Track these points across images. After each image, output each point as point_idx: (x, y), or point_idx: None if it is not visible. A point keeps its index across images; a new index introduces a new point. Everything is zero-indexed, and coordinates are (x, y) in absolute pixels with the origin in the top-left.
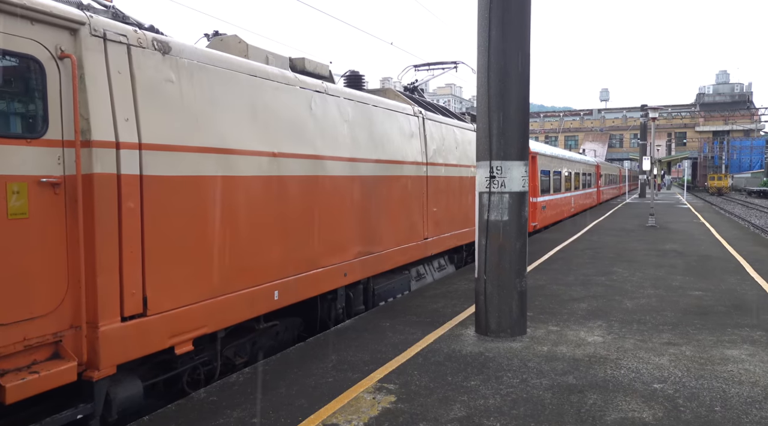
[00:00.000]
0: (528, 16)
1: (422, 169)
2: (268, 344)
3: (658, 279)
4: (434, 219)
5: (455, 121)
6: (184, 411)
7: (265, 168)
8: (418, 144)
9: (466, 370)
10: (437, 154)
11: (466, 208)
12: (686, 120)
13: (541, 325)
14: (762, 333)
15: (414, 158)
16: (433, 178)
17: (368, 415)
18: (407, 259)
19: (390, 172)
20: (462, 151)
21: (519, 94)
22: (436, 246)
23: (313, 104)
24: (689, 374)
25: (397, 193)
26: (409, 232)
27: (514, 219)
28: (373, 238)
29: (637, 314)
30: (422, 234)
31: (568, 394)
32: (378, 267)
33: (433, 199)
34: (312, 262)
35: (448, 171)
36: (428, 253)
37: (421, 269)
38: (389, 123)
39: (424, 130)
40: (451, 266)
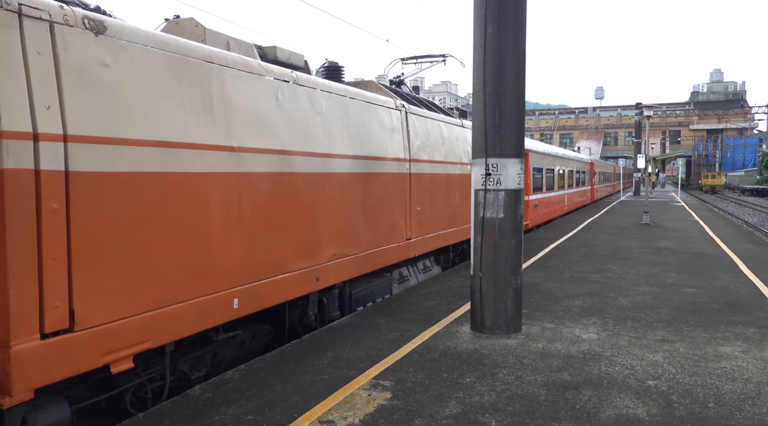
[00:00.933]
0: (523, 13)
1: (405, 165)
2: (231, 355)
3: (652, 276)
4: (418, 218)
5: (442, 116)
6: (179, 408)
7: (223, 164)
8: (400, 139)
9: (462, 367)
10: (421, 151)
11: (453, 207)
12: (680, 118)
13: (536, 322)
14: (755, 330)
15: (396, 154)
16: (417, 176)
17: (364, 412)
18: (388, 261)
19: (369, 168)
20: (449, 147)
21: (514, 91)
22: (421, 247)
23: (280, 95)
24: (683, 371)
25: (377, 191)
26: (390, 232)
27: (509, 216)
28: (350, 239)
29: (631, 311)
30: (405, 234)
31: (563, 391)
32: (355, 270)
33: (417, 198)
34: (278, 267)
35: (434, 168)
36: (411, 255)
37: (404, 271)
38: (368, 117)
39: (407, 124)
40: (437, 267)
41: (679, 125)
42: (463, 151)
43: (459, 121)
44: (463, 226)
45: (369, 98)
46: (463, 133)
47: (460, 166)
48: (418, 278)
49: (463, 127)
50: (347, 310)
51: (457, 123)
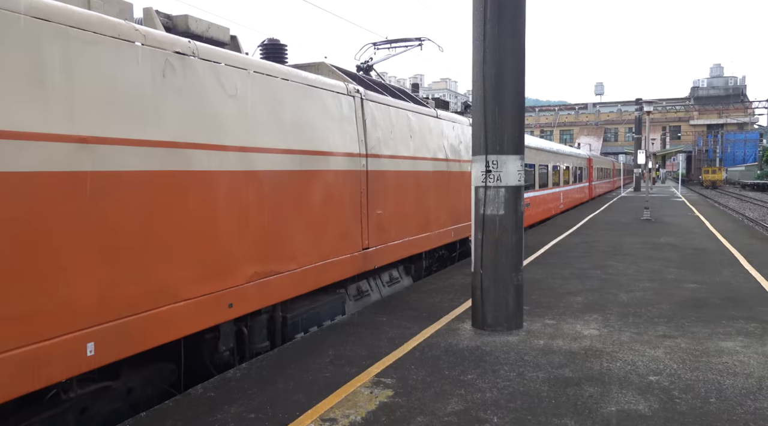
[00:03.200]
0: (523, 9)
1: (359, 162)
2: (108, 409)
3: (653, 272)
4: (379, 223)
5: (411, 105)
6: (181, 407)
7: (64, 160)
8: (353, 130)
9: (463, 364)
10: (383, 144)
11: (426, 209)
12: (681, 114)
13: (537, 318)
14: (756, 325)
15: (347, 148)
16: (377, 174)
17: (366, 410)
18: (337, 276)
19: (308, 165)
20: (420, 141)
21: (514, 88)
22: (383, 256)
23: (168, 71)
24: (684, 366)
25: (320, 192)
26: (341, 241)
27: (510, 213)
28: (281, 252)
29: (632, 307)
30: (360, 243)
31: (565, 387)
32: (290, 290)
33: (378, 199)
34: (166, 294)
35: (400, 164)
36: (370, 266)
37: (363, 285)
38: (308, 103)
39: (363, 113)
40: (408, 278)
41: (680, 121)
42: (438, 146)
43: (433, 111)
44: (438, 230)
45: (310, 81)
46: (438, 125)
47: (434, 162)
48: (382, 292)
49: (438, 118)
50: (281, 338)
51: (430, 113)
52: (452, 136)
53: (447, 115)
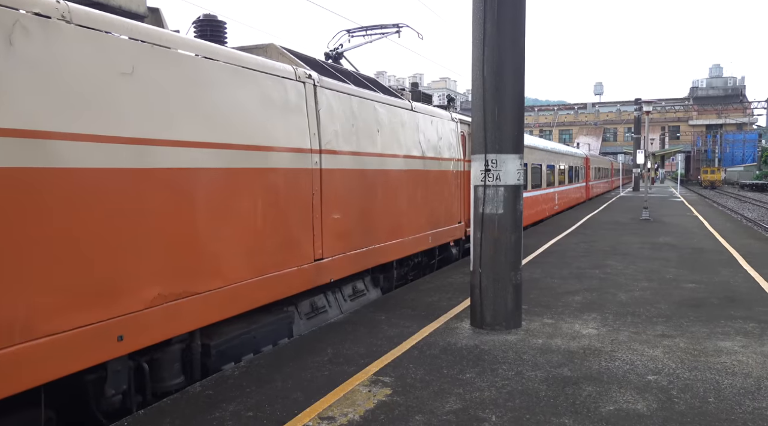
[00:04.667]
0: (523, 9)
1: (310, 159)
2: None
3: (652, 272)
4: (336, 230)
5: (380, 96)
6: (179, 405)
7: None
8: (303, 122)
9: (462, 363)
10: (342, 139)
11: (398, 213)
12: (680, 114)
13: (536, 317)
14: (755, 325)
15: (293, 143)
16: (335, 173)
17: (364, 408)
18: (280, 293)
19: (238, 162)
20: (391, 135)
21: (514, 87)
22: (342, 267)
23: (18, 37)
24: (683, 366)
25: (253, 194)
26: (283, 252)
27: (509, 212)
28: (197, 268)
29: (631, 307)
30: (311, 253)
31: (563, 386)
32: (210, 314)
33: (335, 202)
34: (22, 327)
35: (364, 162)
36: (325, 280)
37: (319, 301)
38: (240, 88)
39: (317, 103)
40: (375, 290)
41: (679, 121)
42: (413, 142)
43: (407, 103)
44: (413, 236)
45: (243, 61)
46: (413, 119)
47: (408, 160)
48: (343, 308)
49: (413, 111)
50: (200, 372)
51: (403, 106)
52: (431, 132)
53: (424, 108)
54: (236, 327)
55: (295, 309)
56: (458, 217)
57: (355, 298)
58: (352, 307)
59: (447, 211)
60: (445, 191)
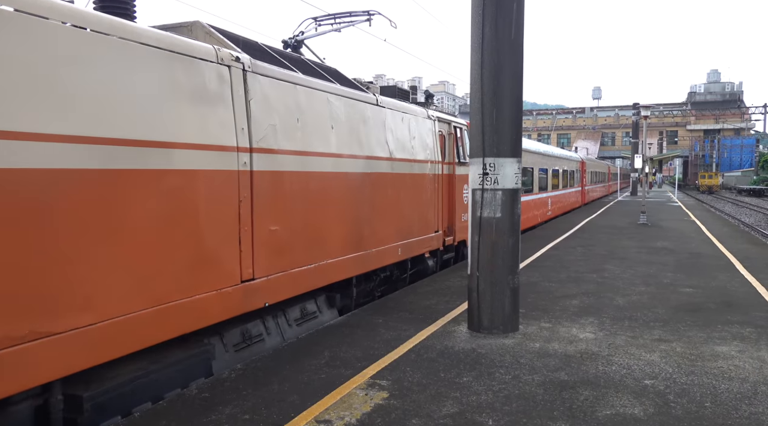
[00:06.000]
0: (521, 13)
1: (237, 159)
2: None
3: (649, 276)
4: (273, 245)
5: (335, 87)
6: (176, 407)
7: None
8: (226, 115)
9: (459, 367)
10: (282, 136)
11: (358, 222)
12: (678, 118)
13: (533, 321)
14: (752, 329)
15: (211, 139)
16: (272, 176)
17: (361, 412)
18: (191, 325)
19: (123, 162)
20: (350, 133)
21: (512, 91)
22: (282, 288)
23: None
24: (680, 370)
25: (147, 203)
26: (194, 273)
27: (506, 216)
28: (53, 300)
29: (628, 311)
30: (238, 272)
31: (560, 390)
32: (75, 358)
33: (273, 211)
34: None
35: (312, 164)
36: (258, 304)
37: (254, 328)
38: (129, 69)
39: (247, 91)
40: (331, 311)
41: (677, 125)
42: (378, 141)
43: (371, 96)
44: (377, 248)
45: (135, 35)
46: (379, 115)
47: (371, 161)
48: (286, 335)
49: (379, 106)
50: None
51: (366, 99)
52: (401, 130)
53: (394, 103)
54: (128, 369)
55: (219, 340)
56: (435, 226)
57: (304, 321)
58: (299, 333)
59: (421, 219)
60: (419, 197)
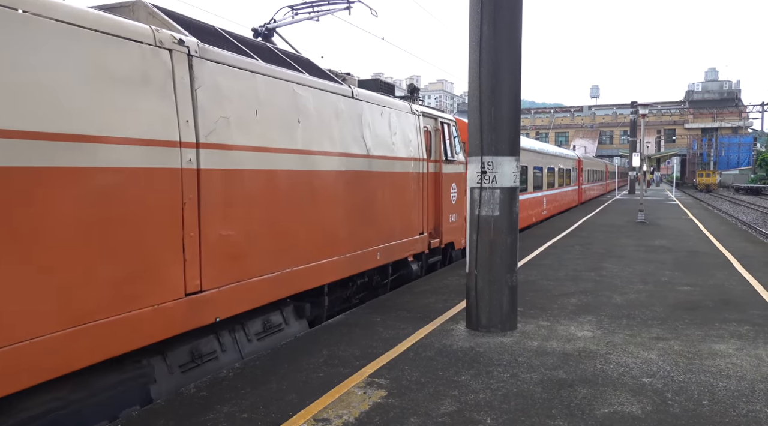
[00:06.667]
0: (519, 12)
1: (180, 155)
2: None
3: (647, 274)
4: (227, 252)
5: (304, 78)
6: (174, 406)
7: None
8: (166, 105)
9: (457, 365)
10: (237, 130)
11: (330, 225)
12: (675, 117)
13: (531, 320)
14: (749, 328)
15: (145, 133)
16: (224, 175)
17: (359, 410)
18: (115, 350)
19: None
20: (320, 128)
21: (510, 89)
22: (236, 301)
23: None
24: (678, 368)
25: (60, 206)
26: (124, 287)
27: (505, 214)
28: None
29: (626, 309)
30: (181, 285)
31: (558, 389)
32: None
33: (225, 214)
34: None
35: (276, 161)
36: (207, 319)
37: (205, 346)
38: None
39: (193, 79)
40: (299, 322)
41: (674, 124)
42: (354, 137)
43: (346, 88)
44: (353, 253)
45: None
46: (355, 109)
47: (346, 159)
48: (245, 351)
49: (355, 98)
50: None
51: (340, 91)
52: (381, 126)
53: (372, 96)
54: (43, 399)
55: (162, 360)
56: (419, 228)
57: (267, 335)
58: (261, 349)
59: (404, 220)
60: (401, 197)
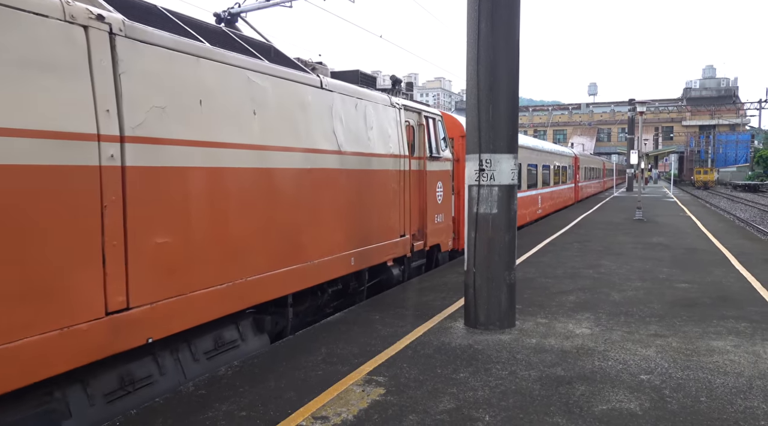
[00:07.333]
0: (517, 9)
1: (98, 150)
2: None
3: (645, 271)
4: (166, 262)
5: (262, 64)
6: (172, 404)
7: None
8: (81, 91)
9: (456, 363)
10: (174, 121)
11: (294, 229)
12: (673, 114)
13: (529, 317)
14: (747, 324)
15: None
16: (158, 173)
17: (358, 408)
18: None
19: None
20: (281, 121)
21: (508, 87)
22: (176, 318)
23: None
24: (675, 365)
25: None
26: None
27: (503, 212)
28: None
29: (624, 306)
30: (101, 302)
31: (557, 386)
32: None
33: (162, 218)
34: None
35: (226, 158)
36: (135, 342)
37: (139, 369)
38: None
39: (116, 62)
40: (259, 337)
41: (672, 121)
42: (322, 131)
43: (314, 77)
44: (323, 258)
45: None
46: (324, 101)
47: (311, 155)
48: (190, 372)
49: (324, 89)
50: None
51: (308, 80)
52: (355, 119)
53: (345, 87)
54: None
55: (82, 389)
56: (400, 229)
57: (219, 354)
58: (212, 369)
59: (382, 222)
60: (378, 197)
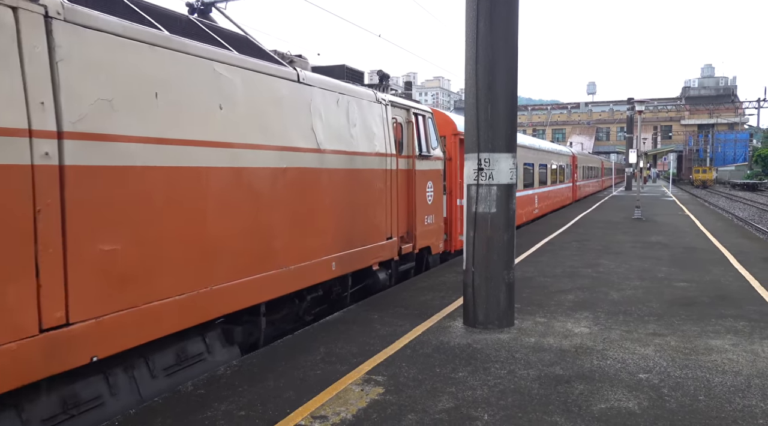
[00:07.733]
0: (516, 7)
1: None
2: None
3: (643, 271)
4: (114, 271)
5: (229, 55)
6: (171, 404)
7: None
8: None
9: (454, 362)
10: (125, 115)
11: (267, 232)
12: (672, 113)
13: (528, 316)
14: (745, 323)
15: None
16: (104, 173)
17: (356, 407)
18: None
19: None
20: (254, 117)
21: (507, 86)
22: (132, 332)
23: None
24: (674, 364)
25: None
26: None
27: (502, 211)
28: None
29: (623, 305)
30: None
31: (555, 385)
32: None
33: (109, 223)
34: None
35: (186, 156)
36: (76, 361)
37: (84, 390)
38: None
39: (52, 48)
40: (228, 349)
41: (671, 120)
42: (301, 128)
43: (290, 70)
44: (300, 264)
45: None
46: (302, 96)
47: (286, 153)
48: (146, 391)
49: (302, 82)
50: None
51: (283, 73)
52: (337, 116)
53: (325, 81)
54: None
55: (16, 415)
56: (387, 232)
57: (182, 368)
58: (172, 386)
59: (367, 224)
60: (362, 198)
